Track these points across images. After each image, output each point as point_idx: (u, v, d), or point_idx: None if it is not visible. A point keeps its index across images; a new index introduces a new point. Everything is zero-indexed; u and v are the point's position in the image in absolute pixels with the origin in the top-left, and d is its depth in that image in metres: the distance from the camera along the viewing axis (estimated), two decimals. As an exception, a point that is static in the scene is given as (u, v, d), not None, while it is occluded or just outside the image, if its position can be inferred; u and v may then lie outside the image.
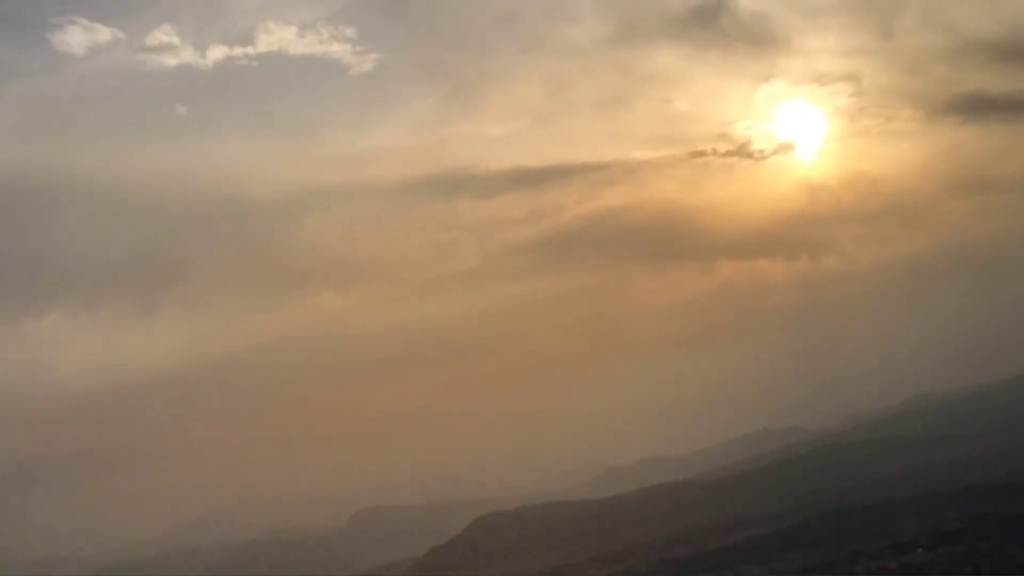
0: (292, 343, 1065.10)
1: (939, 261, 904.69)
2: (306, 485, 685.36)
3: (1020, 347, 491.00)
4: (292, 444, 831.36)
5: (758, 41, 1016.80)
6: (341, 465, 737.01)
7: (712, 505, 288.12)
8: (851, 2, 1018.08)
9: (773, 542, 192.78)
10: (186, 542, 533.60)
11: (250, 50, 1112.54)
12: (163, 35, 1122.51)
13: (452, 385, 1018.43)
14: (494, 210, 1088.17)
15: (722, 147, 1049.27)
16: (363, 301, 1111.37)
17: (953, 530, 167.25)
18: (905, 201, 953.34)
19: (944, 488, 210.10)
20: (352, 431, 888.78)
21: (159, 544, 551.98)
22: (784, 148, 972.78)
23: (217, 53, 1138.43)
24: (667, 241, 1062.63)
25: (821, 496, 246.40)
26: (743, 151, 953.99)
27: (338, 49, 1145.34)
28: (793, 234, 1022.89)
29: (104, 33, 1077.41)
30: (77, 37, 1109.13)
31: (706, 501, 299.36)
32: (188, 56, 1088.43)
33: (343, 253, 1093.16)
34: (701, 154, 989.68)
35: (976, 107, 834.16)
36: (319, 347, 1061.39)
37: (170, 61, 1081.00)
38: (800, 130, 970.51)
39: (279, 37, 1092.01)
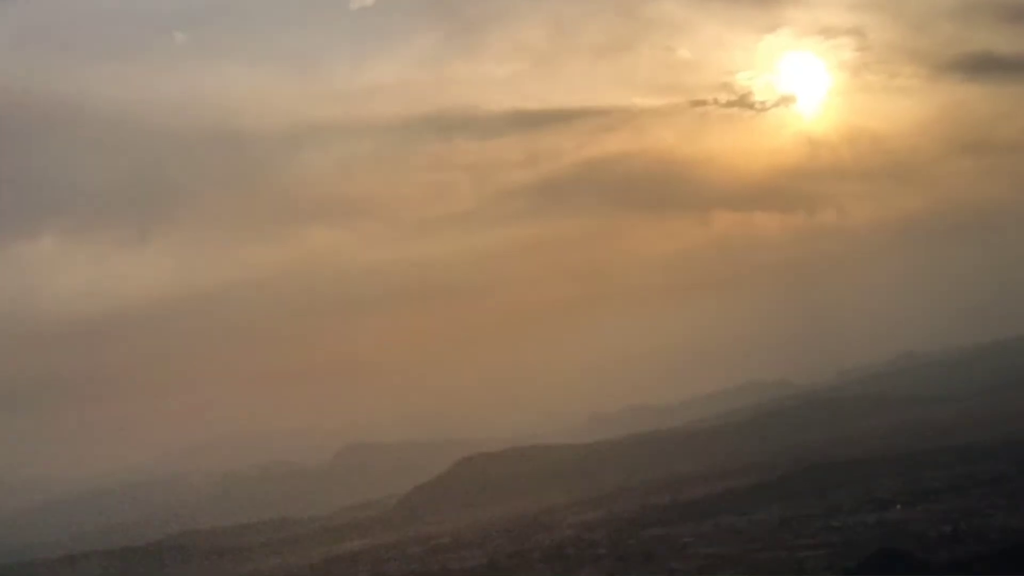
0: (284, 277, 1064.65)
1: (935, 221, 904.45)
2: (293, 419, 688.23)
3: (1010, 311, 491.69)
4: (281, 378, 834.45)
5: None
6: (329, 401, 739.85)
7: (695, 454, 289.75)
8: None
9: (754, 493, 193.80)
10: (173, 470, 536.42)
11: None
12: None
13: (443, 326, 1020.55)
14: (492, 152, 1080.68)
15: (723, 97, 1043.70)
16: (357, 238, 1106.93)
17: (932, 489, 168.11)
18: (905, 159, 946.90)
19: (926, 447, 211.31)
20: (341, 367, 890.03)
21: (146, 470, 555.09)
22: (785, 100, 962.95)
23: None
24: (664, 190, 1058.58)
25: (804, 450, 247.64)
26: (744, 102, 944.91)
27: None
28: (790, 188, 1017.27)
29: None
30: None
31: (690, 450, 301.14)
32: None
33: (339, 189, 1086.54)
34: (702, 103, 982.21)
35: (981, 66, 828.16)
36: (311, 282, 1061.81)
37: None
38: (802, 83, 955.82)
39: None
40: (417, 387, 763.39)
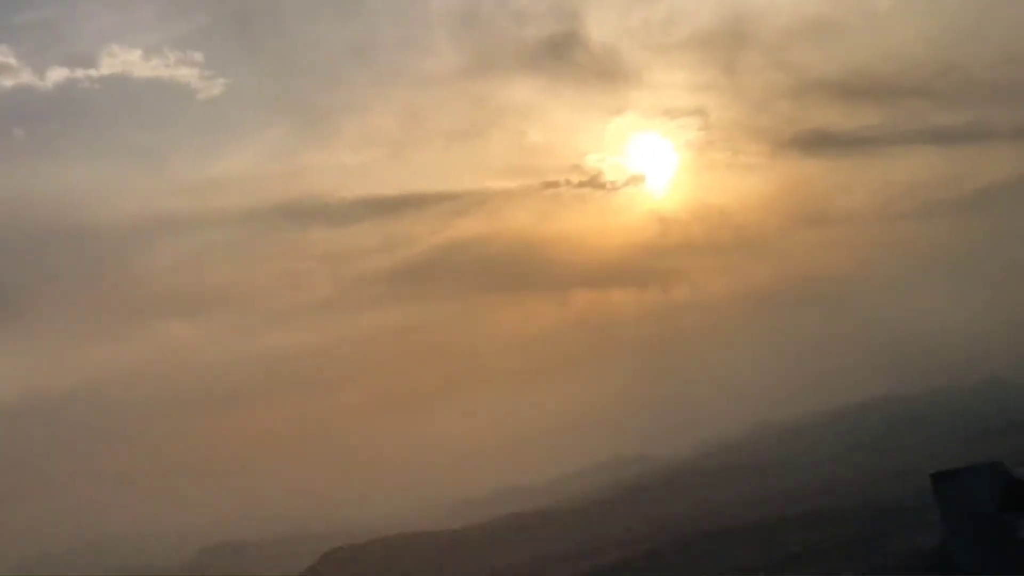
0: (138, 375, 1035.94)
1: (784, 291, 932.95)
2: (151, 522, 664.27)
3: (857, 375, 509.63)
4: (135, 479, 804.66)
5: (610, 75, 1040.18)
6: (187, 500, 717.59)
7: (563, 534, 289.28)
8: (698, 39, 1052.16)
9: (619, 570, 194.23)
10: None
11: (93, 72, 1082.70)
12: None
13: (305, 416, 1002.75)
14: (348, 239, 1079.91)
15: (575, 178, 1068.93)
16: (212, 331, 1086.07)
17: (794, 554, 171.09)
18: (752, 233, 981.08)
19: (786, 513, 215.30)
20: (199, 465, 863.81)
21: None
22: (635, 180, 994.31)
23: (58, 75, 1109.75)
24: (521, 271, 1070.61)
25: (668, 522, 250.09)
26: (595, 182, 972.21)
27: (185, 73, 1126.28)
28: (644, 264, 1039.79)
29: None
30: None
31: (558, 530, 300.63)
32: (27, 78, 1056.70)
33: (191, 282, 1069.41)
34: (554, 185, 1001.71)
35: (817, 143, 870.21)
36: (166, 379, 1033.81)
37: (7, 82, 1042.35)
38: (651, 162, 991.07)
39: (123, 60, 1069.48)
40: (280, 481, 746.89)
